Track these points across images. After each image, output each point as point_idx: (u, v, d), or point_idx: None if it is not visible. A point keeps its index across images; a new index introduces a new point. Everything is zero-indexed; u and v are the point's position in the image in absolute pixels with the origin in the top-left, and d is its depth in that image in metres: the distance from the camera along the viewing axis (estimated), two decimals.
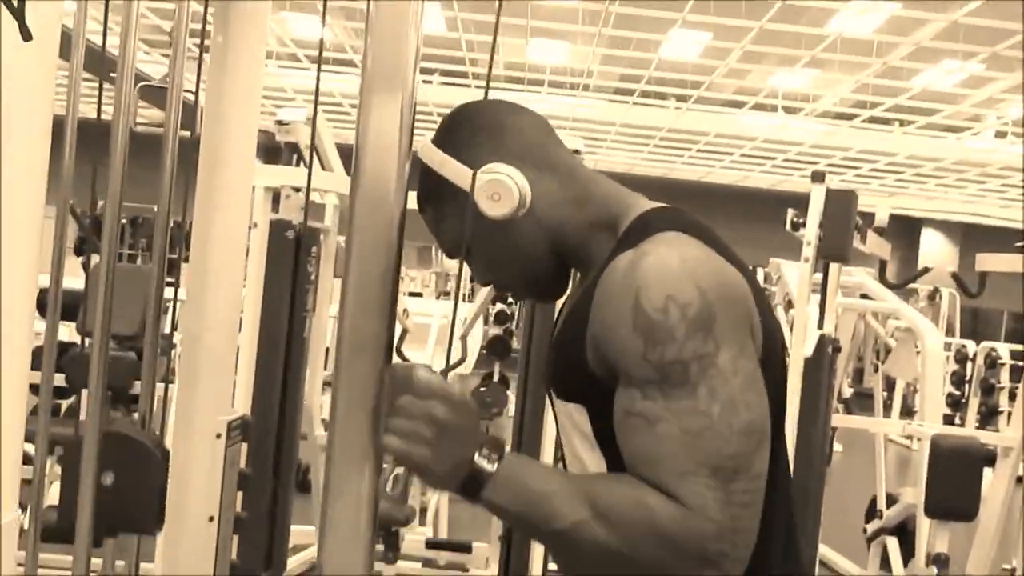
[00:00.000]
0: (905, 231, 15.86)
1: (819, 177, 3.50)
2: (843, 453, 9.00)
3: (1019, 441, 3.93)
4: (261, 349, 3.53)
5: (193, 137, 1.32)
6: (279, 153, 3.94)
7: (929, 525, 3.73)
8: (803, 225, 3.48)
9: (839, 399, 6.70)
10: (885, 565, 4.71)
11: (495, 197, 1.03)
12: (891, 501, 4.77)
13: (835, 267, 3.70)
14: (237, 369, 3.54)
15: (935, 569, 3.54)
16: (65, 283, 1.15)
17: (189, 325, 1.31)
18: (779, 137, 10.83)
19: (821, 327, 3.56)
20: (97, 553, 1.18)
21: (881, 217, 3.88)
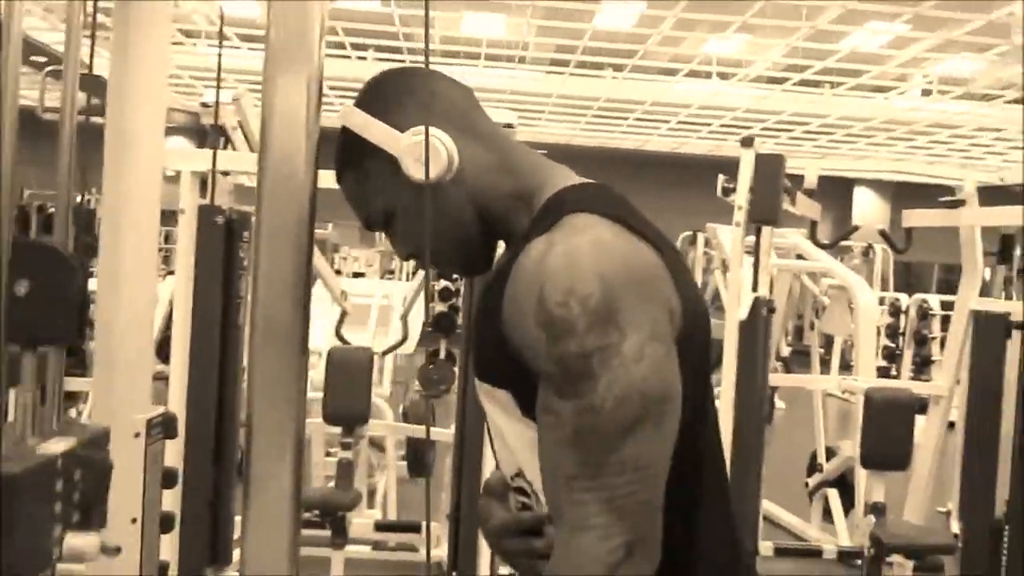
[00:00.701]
0: (838, 192, 16.16)
1: (748, 142, 3.53)
2: (786, 410, 9.20)
3: (949, 389, 4.05)
4: (194, 339, 3.46)
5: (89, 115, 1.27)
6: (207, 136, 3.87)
7: (866, 476, 3.82)
8: (734, 190, 3.52)
9: (778, 358, 6.83)
10: (827, 517, 4.84)
11: (422, 159, 1.01)
12: (831, 455, 4.89)
13: (767, 230, 3.75)
14: (171, 361, 3.50)
15: (873, 518, 3.63)
16: None
17: (102, 319, 1.27)
18: (714, 103, 10.92)
19: (755, 289, 3.61)
20: None
21: (810, 179, 3.93)
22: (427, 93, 1.05)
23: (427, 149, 1.01)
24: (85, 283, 0.95)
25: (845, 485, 4.71)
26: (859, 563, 3.80)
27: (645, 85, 10.45)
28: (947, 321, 8.24)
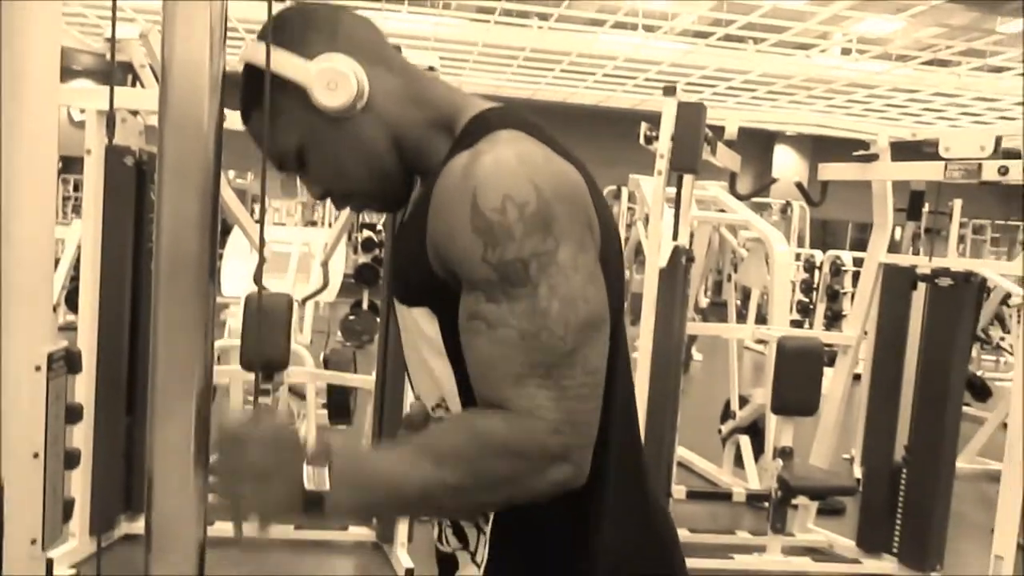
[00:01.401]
0: (759, 148, 16.44)
1: (670, 91, 3.56)
2: (703, 361, 9.42)
3: (855, 340, 4.19)
4: (104, 284, 3.36)
5: None
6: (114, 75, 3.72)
7: (776, 422, 3.95)
8: (656, 139, 3.54)
9: (696, 309, 6.97)
10: (739, 462, 5.00)
11: (332, 86, 0.99)
12: (744, 404, 5.03)
13: (688, 180, 3.79)
14: (80, 304, 3.40)
15: (781, 462, 3.76)
16: None
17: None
18: (639, 57, 10.94)
19: (676, 238, 3.66)
20: None
21: (730, 130, 3.98)
22: (332, 26, 1.03)
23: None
24: None
25: (756, 432, 4.87)
26: (766, 505, 3.94)
27: (570, 36, 10.40)
28: (859, 277, 8.52)
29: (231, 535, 0.99)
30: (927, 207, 6.68)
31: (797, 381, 3.75)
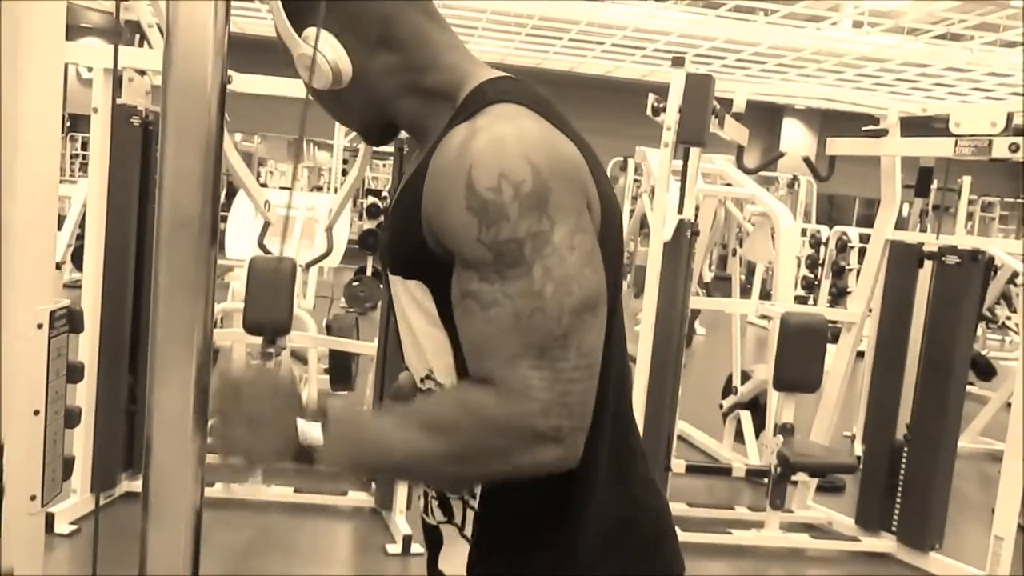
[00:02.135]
0: (767, 122, 16.35)
1: (679, 62, 3.52)
2: (706, 336, 9.42)
3: (860, 317, 4.18)
4: (109, 241, 3.36)
5: None
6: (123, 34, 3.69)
7: (777, 398, 3.95)
8: (663, 110, 3.51)
9: (700, 283, 6.96)
10: (739, 437, 5.01)
11: (311, 70, 1.03)
12: (746, 379, 5.04)
13: (695, 152, 3.76)
14: (84, 266, 3.39)
15: (781, 438, 3.76)
16: None
17: (1, 212, 1.22)
18: (648, 27, 10.84)
19: (681, 211, 3.64)
20: None
21: (739, 103, 3.95)
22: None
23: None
24: None
25: (758, 408, 4.87)
26: (765, 481, 3.95)
27: (580, 5, 10.30)
28: (865, 254, 8.50)
29: (229, 496, 1.00)
30: (935, 184, 6.63)
31: (799, 357, 3.75)
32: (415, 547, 3.44)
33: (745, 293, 8.41)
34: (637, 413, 1.27)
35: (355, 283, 8.80)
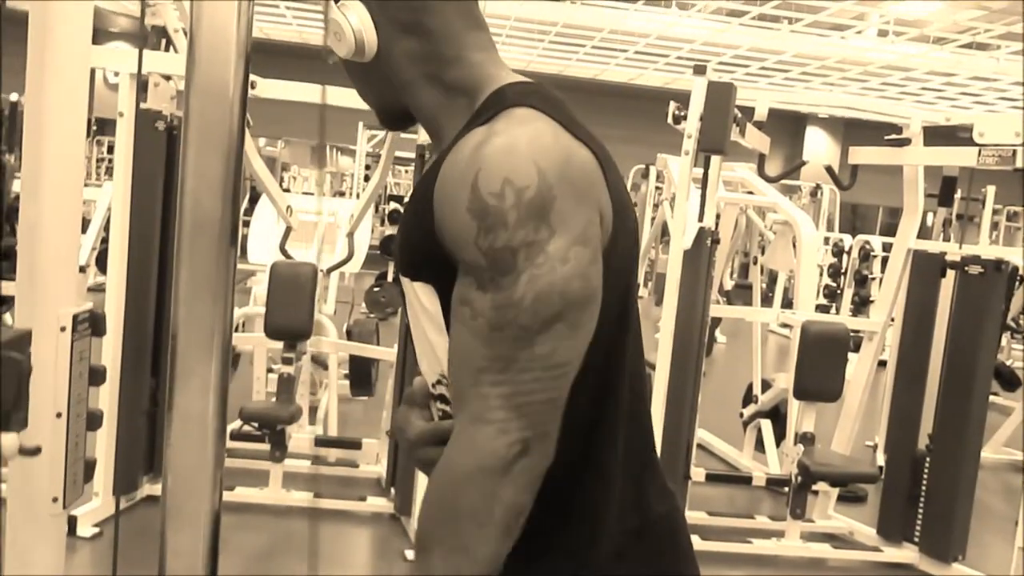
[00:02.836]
0: (789, 130, 16.26)
1: (701, 70, 3.51)
2: (726, 344, 9.38)
3: (882, 326, 4.15)
4: (133, 245, 3.39)
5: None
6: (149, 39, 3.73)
7: (798, 407, 3.92)
8: (685, 118, 3.50)
9: (721, 292, 6.92)
10: (759, 446, 4.97)
11: (337, 36, 1.04)
12: (767, 387, 5.00)
13: (716, 160, 3.75)
14: (108, 266, 3.43)
15: (802, 447, 3.74)
16: None
17: (26, 214, 1.24)
18: (671, 35, 10.82)
19: (701, 219, 3.63)
20: None
21: (761, 111, 3.93)
22: None
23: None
24: (2, 179, 0.91)
25: (778, 417, 4.84)
26: (786, 490, 3.92)
27: (603, 12, 10.30)
28: (888, 263, 8.43)
29: (248, 500, 1.00)
30: (959, 193, 6.57)
31: (820, 366, 3.72)
32: None
33: (767, 301, 8.36)
34: (656, 421, 1.27)
35: (376, 288, 8.83)
